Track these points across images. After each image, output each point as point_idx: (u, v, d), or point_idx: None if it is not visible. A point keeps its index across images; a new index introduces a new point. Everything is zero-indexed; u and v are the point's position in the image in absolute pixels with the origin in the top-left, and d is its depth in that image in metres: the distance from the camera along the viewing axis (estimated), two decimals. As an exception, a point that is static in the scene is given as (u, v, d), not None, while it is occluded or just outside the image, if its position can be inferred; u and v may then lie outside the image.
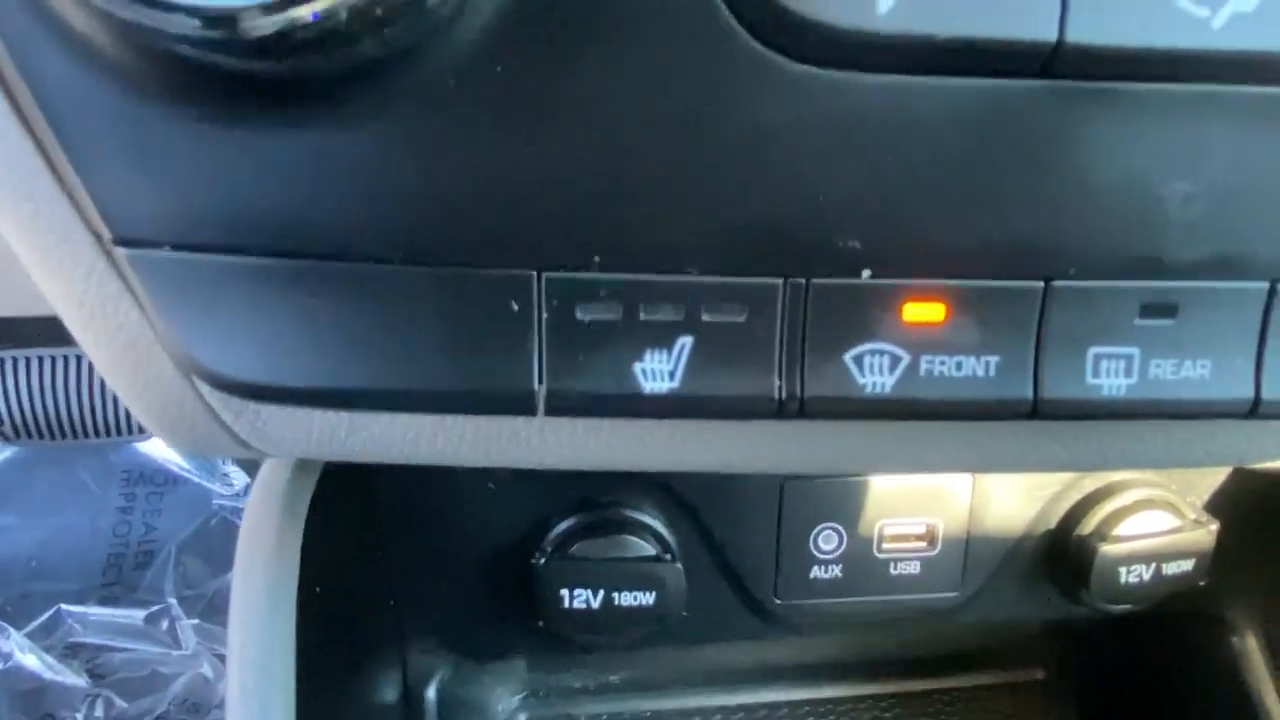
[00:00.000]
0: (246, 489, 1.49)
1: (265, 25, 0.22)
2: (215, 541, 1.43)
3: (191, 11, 0.22)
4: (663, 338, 0.29)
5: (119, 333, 0.31)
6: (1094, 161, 0.28)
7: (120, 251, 0.28)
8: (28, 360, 1.38)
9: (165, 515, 1.49)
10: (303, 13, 0.22)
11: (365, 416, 0.33)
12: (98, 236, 0.29)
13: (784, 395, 0.30)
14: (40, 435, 1.46)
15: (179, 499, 1.50)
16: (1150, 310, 0.31)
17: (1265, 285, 0.31)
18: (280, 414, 0.33)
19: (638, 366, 0.30)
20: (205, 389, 0.32)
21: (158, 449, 1.48)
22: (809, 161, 0.28)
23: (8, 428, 1.44)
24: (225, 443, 0.35)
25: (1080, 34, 0.26)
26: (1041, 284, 0.30)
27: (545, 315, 0.29)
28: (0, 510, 1.45)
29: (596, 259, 0.29)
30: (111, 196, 0.27)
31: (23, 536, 1.43)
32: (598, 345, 0.29)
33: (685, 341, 0.30)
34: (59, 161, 0.27)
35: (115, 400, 1.41)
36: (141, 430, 1.47)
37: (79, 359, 1.36)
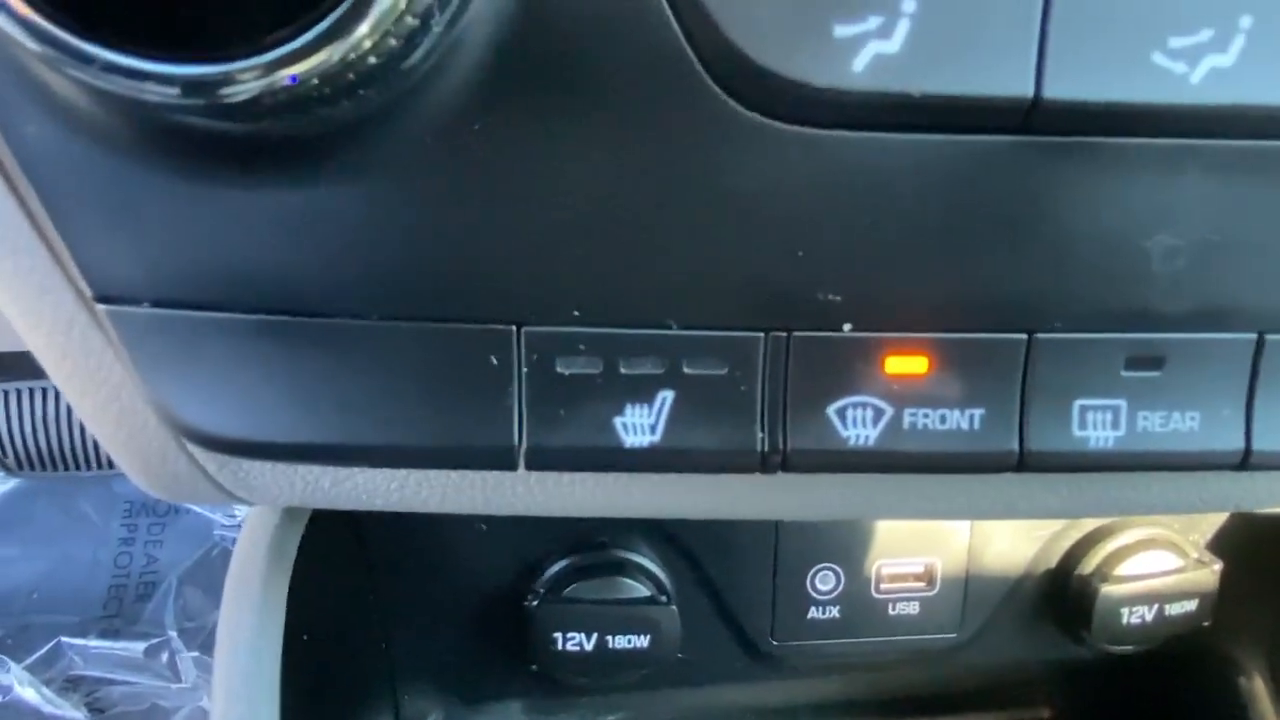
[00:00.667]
0: (249, 519, 1.49)
1: (242, 91, 0.22)
2: (217, 572, 1.42)
3: (169, 80, 0.22)
4: (644, 391, 0.29)
5: (102, 385, 0.31)
6: (1075, 215, 0.28)
7: (101, 308, 0.28)
8: (31, 392, 1.38)
9: (167, 546, 1.49)
10: (279, 78, 0.22)
11: (345, 468, 0.33)
12: (79, 292, 0.29)
13: (766, 448, 0.30)
14: (44, 466, 1.46)
15: (181, 529, 1.50)
16: (1136, 362, 0.30)
17: (1253, 336, 0.31)
18: (264, 465, 0.33)
19: (618, 420, 0.29)
20: (189, 441, 0.32)
21: (160, 479, 1.48)
22: (788, 217, 0.27)
23: (10, 460, 1.44)
24: (209, 492, 0.35)
25: (1057, 90, 0.26)
26: (1025, 336, 0.30)
27: (525, 369, 0.29)
28: (2, 541, 1.45)
29: (576, 313, 0.28)
30: (92, 254, 0.27)
31: (24, 568, 1.43)
32: (578, 399, 0.29)
33: (666, 395, 0.29)
34: (41, 219, 0.28)
35: (118, 432, 1.41)
36: (144, 461, 1.47)
37: (83, 390, 1.36)
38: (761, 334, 0.29)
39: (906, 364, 0.30)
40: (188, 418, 0.29)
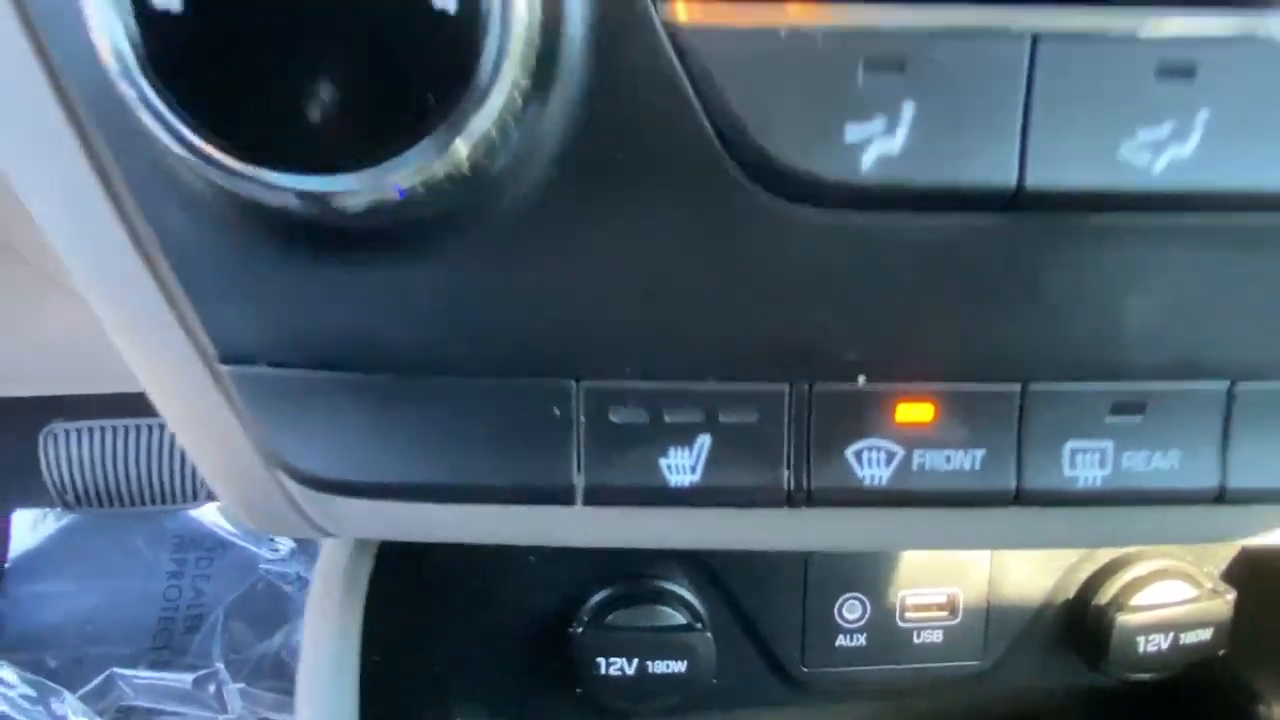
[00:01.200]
0: (292, 553, 1.53)
1: (355, 203, 0.27)
2: (261, 605, 1.46)
3: (289, 190, 0.27)
4: (685, 437, 0.34)
5: (217, 434, 0.36)
6: (1059, 281, 0.32)
7: (223, 368, 0.33)
8: (91, 431, 1.44)
9: (214, 580, 1.51)
10: (388, 192, 0.27)
11: (426, 504, 0.37)
12: (203, 354, 0.34)
13: (792, 487, 0.34)
14: (100, 503, 1.52)
15: (227, 563, 1.52)
16: (1121, 408, 0.34)
17: (1225, 384, 0.34)
18: (353, 503, 0.38)
19: (663, 462, 0.34)
20: (288, 481, 0.37)
21: (208, 515, 1.53)
22: (809, 286, 0.32)
23: (70, 496, 1.50)
24: (301, 525, 0.40)
25: (1038, 180, 0.30)
26: (1019, 386, 0.34)
27: (583, 419, 0.33)
28: (58, 575, 1.49)
29: (627, 370, 0.33)
30: (219, 323, 0.32)
31: (78, 601, 1.46)
32: (628, 444, 0.34)
33: (704, 440, 0.34)
34: (175, 294, 0.33)
35: (172, 469, 1.47)
36: (195, 497, 1.52)
37: (138, 429, 1.42)
38: (786, 386, 0.33)
39: (915, 411, 0.34)
40: (292, 460, 0.34)
